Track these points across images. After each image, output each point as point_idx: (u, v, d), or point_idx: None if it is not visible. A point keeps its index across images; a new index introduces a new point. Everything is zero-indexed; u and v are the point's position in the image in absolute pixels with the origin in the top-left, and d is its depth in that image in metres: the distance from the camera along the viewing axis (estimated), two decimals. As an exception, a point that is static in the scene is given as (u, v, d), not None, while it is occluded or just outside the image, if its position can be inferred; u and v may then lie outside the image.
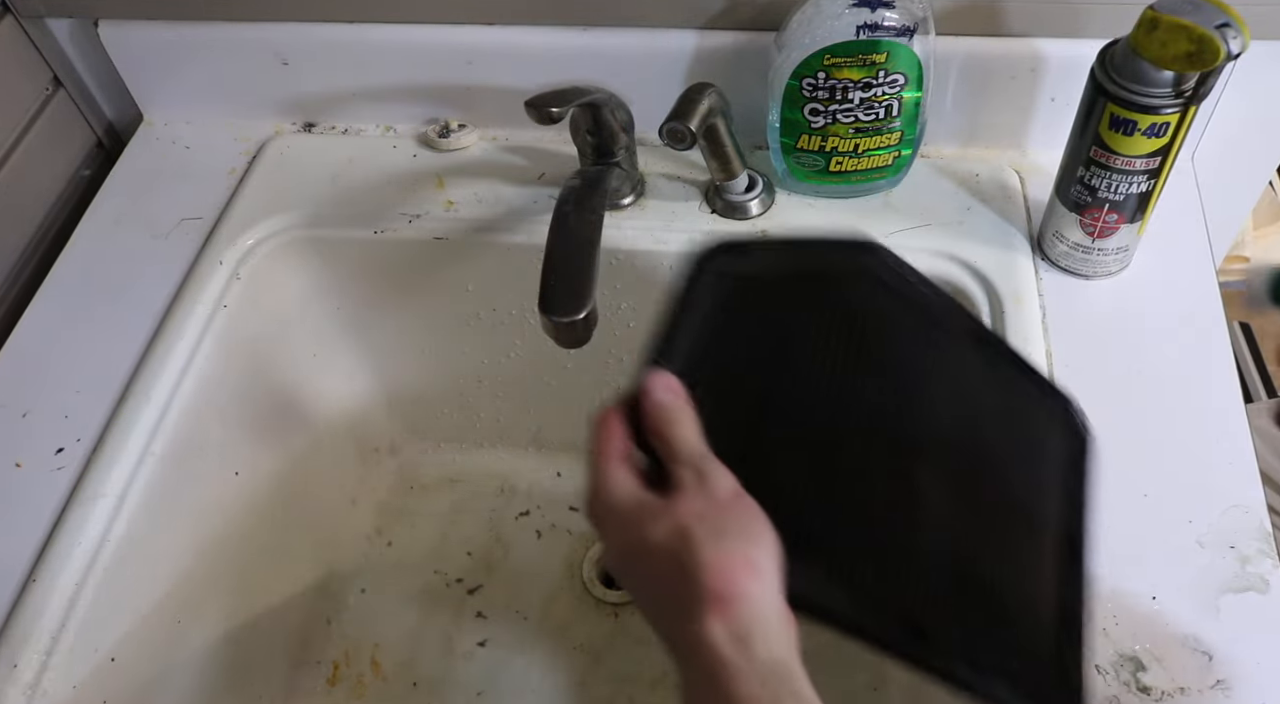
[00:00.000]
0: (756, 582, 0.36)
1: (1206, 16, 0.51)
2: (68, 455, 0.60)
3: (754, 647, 0.35)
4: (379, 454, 0.85)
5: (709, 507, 0.38)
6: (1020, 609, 0.46)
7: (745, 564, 0.36)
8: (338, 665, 0.75)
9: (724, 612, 0.35)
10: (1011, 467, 0.50)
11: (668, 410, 0.40)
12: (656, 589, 0.38)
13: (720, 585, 0.36)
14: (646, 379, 0.41)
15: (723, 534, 0.37)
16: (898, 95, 0.62)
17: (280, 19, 0.71)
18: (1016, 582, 0.47)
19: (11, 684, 0.52)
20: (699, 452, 0.39)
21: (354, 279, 0.75)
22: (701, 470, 0.39)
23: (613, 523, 0.40)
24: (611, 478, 0.40)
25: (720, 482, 0.39)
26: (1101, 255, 0.63)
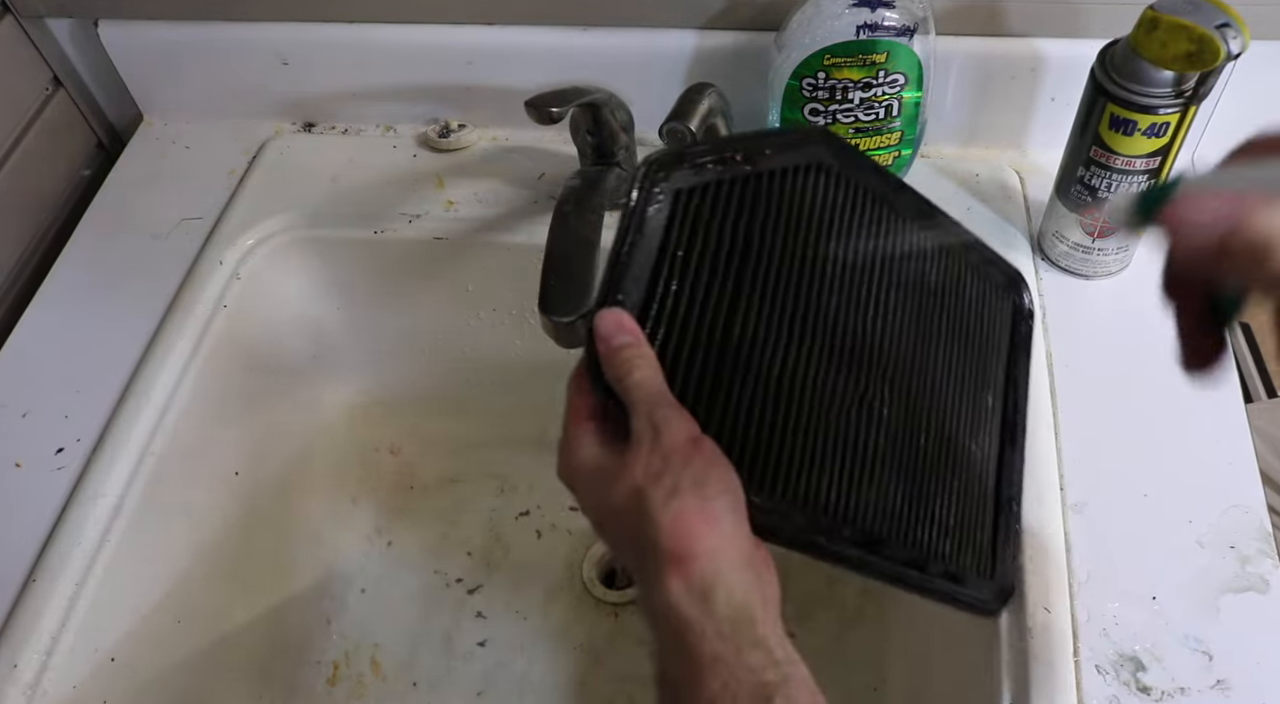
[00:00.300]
0: (714, 534, 0.36)
1: (1206, 16, 0.51)
2: (68, 455, 0.60)
3: (715, 601, 0.35)
4: (379, 454, 0.85)
5: (662, 461, 0.37)
6: (964, 507, 0.50)
7: (702, 519, 0.36)
8: (338, 665, 0.75)
9: (683, 571, 0.35)
10: (961, 359, 0.52)
11: (620, 355, 0.39)
12: (625, 552, 0.39)
13: (677, 545, 0.36)
14: (596, 321, 0.39)
15: (676, 491, 0.36)
16: (898, 95, 0.62)
17: (280, 19, 0.71)
18: (962, 481, 0.50)
19: (11, 684, 0.52)
20: (653, 398, 0.38)
21: (354, 279, 0.75)
22: (655, 421, 0.38)
23: (579, 486, 0.40)
24: (574, 440, 0.40)
25: (675, 430, 0.38)
26: (1101, 255, 0.63)
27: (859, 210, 0.48)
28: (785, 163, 0.46)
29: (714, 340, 0.41)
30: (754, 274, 0.43)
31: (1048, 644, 0.50)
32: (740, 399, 0.41)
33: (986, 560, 0.50)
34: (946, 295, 0.52)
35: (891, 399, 0.47)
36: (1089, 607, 0.51)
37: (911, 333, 0.49)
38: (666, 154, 0.43)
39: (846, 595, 0.75)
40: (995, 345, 0.55)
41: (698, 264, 0.42)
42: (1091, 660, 0.50)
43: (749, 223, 0.44)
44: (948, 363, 0.51)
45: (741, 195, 0.44)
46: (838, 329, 0.45)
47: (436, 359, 0.81)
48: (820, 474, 0.43)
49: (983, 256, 0.56)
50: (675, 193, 0.42)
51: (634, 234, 0.41)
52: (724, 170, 0.44)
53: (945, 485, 0.49)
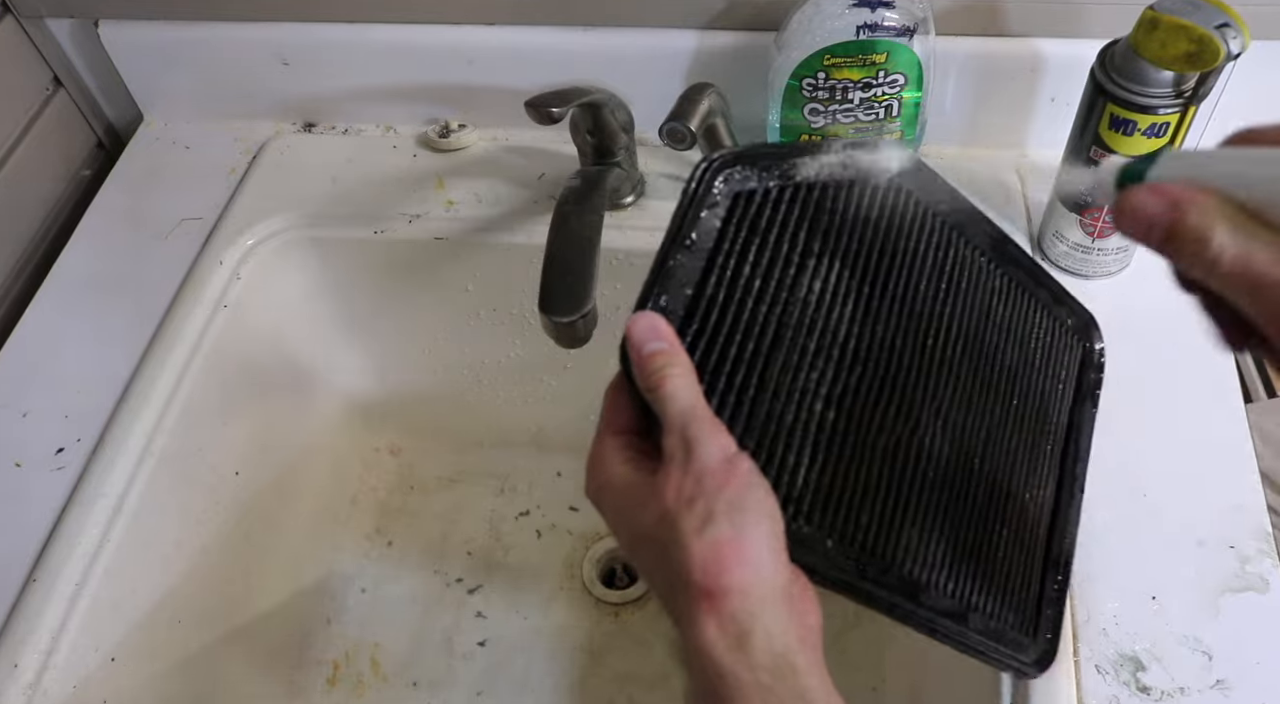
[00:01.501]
0: (750, 568, 0.33)
1: (1206, 16, 0.51)
2: (68, 455, 0.60)
3: (753, 647, 0.33)
4: (379, 454, 0.85)
5: (695, 484, 0.34)
6: (1011, 561, 0.47)
7: (737, 551, 0.33)
8: (338, 665, 0.75)
9: (717, 610, 0.33)
10: (1022, 402, 0.49)
11: (653, 362, 0.36)
12: (656, 581, 0.36)
13: (709, 580, 0.33)
14: (629, 325, 0.37)
15: (710, 518, 0.34)
16: (898, 95, 0.62)
17: (280, 19, 0.71)
18: (1012, 532, 0.47)
19: (11, 684, 0.52)
20: (687, 412, 0.36)
21: (354, 279, 0.75)
22: (688, 438, 0.35)
23: (607, 507, 0.37)
24: (602, 456, 0.38)
25: (709, 450, 0.35)
26: (1101, 255, 0.63)
27: (927, 234, 0.46)
28: (853, 175, 0.44)
29: (759, 356, 0.39)
30: (808, 290, 0.41)
31: (1048, 644, 0.50)
32: (782, 422, 0.39)
33: (1030, 620, 0.47)
34: (1012, 333, 0.50)
35: (944, 437, 0.44)
36: (1089, 607, 0.51)
37: (971, 369, 0.47)
38: (730, 153, 0.40)
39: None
40: (1059, 391, 0.52)
41: (750, 273, 0.39)
42: (1091, 660, 0.50)
43: (809, 236, 0.41)
44: (1007, 405, 0.48)
45: (804, 206, 0.42)
46: (893, 357, 0.43)
47: (436, 359, 0.81)
48: (861, 509, 0.40)
49: (1053, 295, 0.53)
50: (735, 196, 0.40)
51: (685, 236, 0.38)
52: (788, 178, 0.41)
53: (994, 536, 0.46)
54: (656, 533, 0.35)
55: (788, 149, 0.42)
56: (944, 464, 0.44)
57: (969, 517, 0.45)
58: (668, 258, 0.38)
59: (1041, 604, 0.48)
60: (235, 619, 0.69)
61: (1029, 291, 0.51)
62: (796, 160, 0.42)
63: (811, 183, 0.42)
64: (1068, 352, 0.54)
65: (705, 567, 0.33)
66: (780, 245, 0.41)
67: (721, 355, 0.38)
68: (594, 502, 0.38)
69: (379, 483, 0.84)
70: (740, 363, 0.38)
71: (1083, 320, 0.55)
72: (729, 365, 0.38)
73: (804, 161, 0.42)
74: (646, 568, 0.36)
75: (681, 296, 0.38)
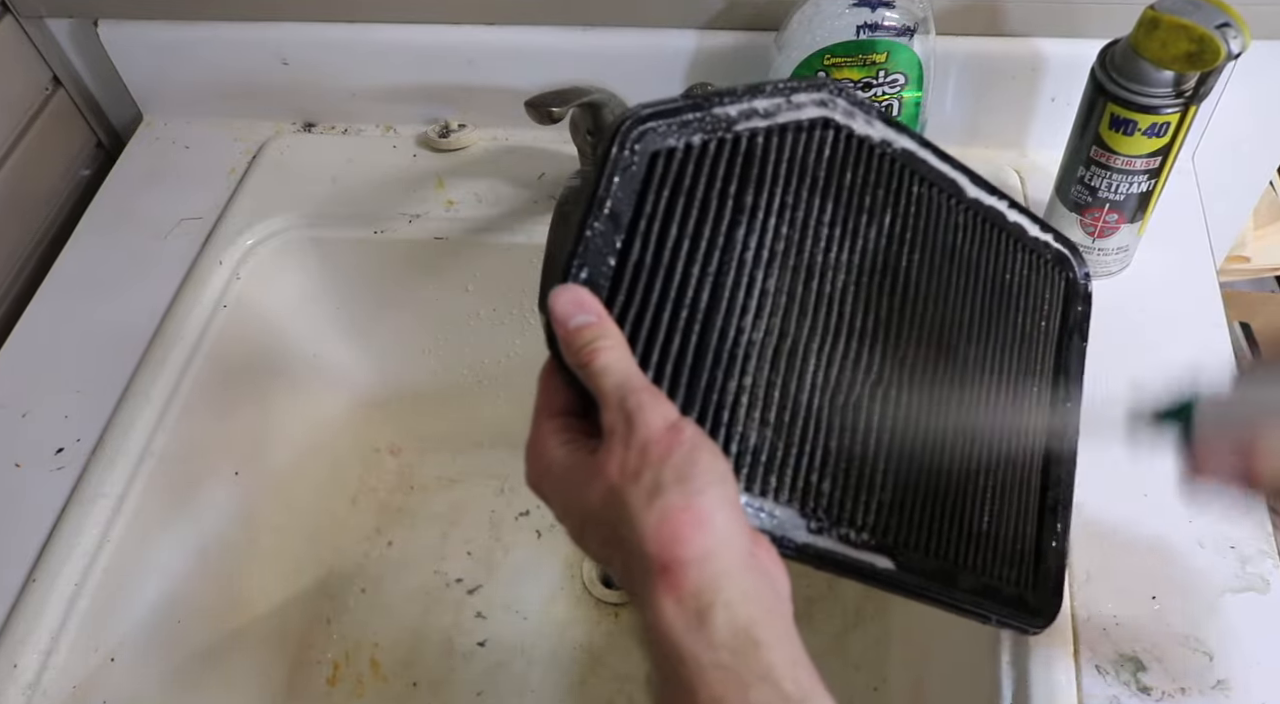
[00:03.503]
0: (706, 535, 0.32)
1: (1206, 16, 0.51)
2: (68, 455, 0.60)
3: (713, 623, 0.31)
4: (379, 454, 0.85)
5: (639, 456, 0.33)
6: (1001, 513, 0.45)
7: (691, 519, 0.31)
8: (338, 665, 0.75)
9: (674, 584, 0.31)
10: (1000, 343, 0.46)
11: (580, 336, 0.34)
12: (611, 562, 0.34)
13: (664, 552, 0.31)
14: (551, 300, 0.35)
15: (659, 488, 0.32)
16: (898, 95, 0.62)
17: (280, 19, 0.71)
18: (999, 483, 0.45)
19: (11, 684, 0.52)
20: (623, 384, 0.34)
21: (354, 279, 0.75)
22: (627, 410, 0.33)
23: (550, 492, 0.36)
24: (540, 441, 0.36)
25: (650, 418, 0.33)
26: (1102, 255, 0.63)
27: (874, 175, 0.43)
28: (783, 120, 0.41)
29: (695, 321, 0.37)
30: (743, 248, 0.38)
31: (1048, 644, 0.50)
32: (725, 389, 0.37)
33: (1027, 574, 0.45)
34: (982, 271, 0.47)
35: (912, 389, 0.42)
36: (1089, 607, 0.51)
37: (938, 314, 0.44)
38: (644, 110, 0.37)
39: (847, 595, 0.75)
40: (1043, 328, 0.49)
41: (678, 234, 0.37)
42: (1091, 660, 0.50)
43: (739, 190, 0.39)
44: (983, 347, 0.46)
45: (732, 158, 0.39)
46: (844, 310, 0.41)
47: (436, 359, 0.81)
48: (823, 473, 0.39)
49: (1029, 227, 0.50)
50: (653, 155, 0.37)
51: (600, 201, 0.36)
52: (711, 129, 0.39)
53: (978, 488, 0.44)
54: (604, 512, 0.33)
55: (709, 98, 0.39)
56: (914, 417, 0.42)
57: (948, 470, 0.43)
58: (584, 227, 0.36)
59: (1040, 556, 0.46)
60: (235, 619, 0.69)
61: (998, 226, 0.48)
62: (719, 109, 0.39)
63: (739, 133, 0.39)
64: (1048, 286, 0.50)
65: (659, 539, 0.31)
66: (708, 203, 0.38)
67: (654, 324, 0.36)
68: (536, 490, 0.36)
69: (379, 483, 0.84)
70: (674, 331, 0.36)
71: (1063, 250, 0.52)
72: (662, 334, 0.36)
73: (728, 110, 0.39)
74: (599, 552, 0.35)
75: (605, 267, 0.36)
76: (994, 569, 0.44)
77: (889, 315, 0.42)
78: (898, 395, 0.42)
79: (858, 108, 0.43)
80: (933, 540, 0.42)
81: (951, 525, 0.42)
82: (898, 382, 0.42)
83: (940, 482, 0.43)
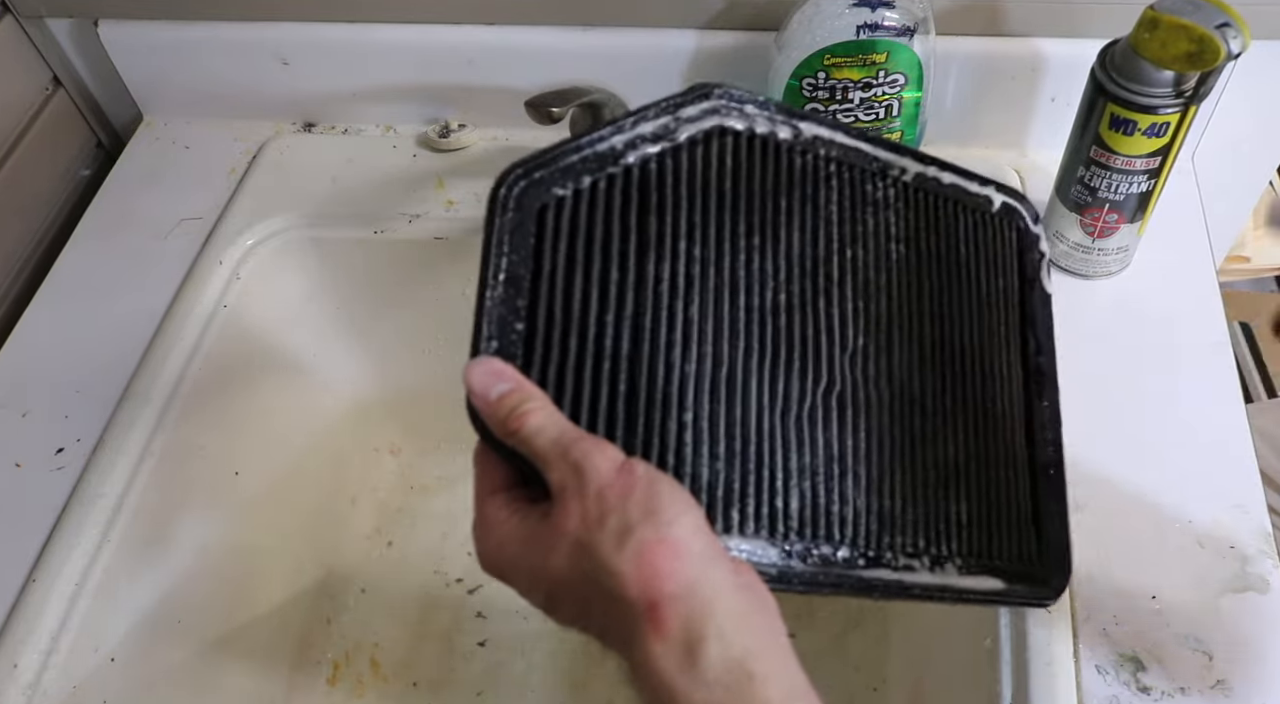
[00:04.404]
0: (686, 564, 0.31)
1: (1206, 16, 0.51)
2: (68, 455, 0.60)
3: (706, 658, 0.30)
4: (379, 454, 0.85)
5: (598, 503, 0.32)
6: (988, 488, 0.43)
7: (667, 551, 0.31)
8: (338, 665, 0.75)
9: (660, 621, 0.30)
10: (955, 313, 0.44)
11: (503, 406, 0.34)
12: (593, 622, 0.33)
13: (647, 591, 0.30)
14: (466, 378, 0.34)
15: (627, 528, 0.31)
16: (898, 95, 0.62)
17: (280, 19, 0.71)
18: (980, 458, 0.43)
19: (11, 684, 0.52)
20: (561, 440, 0.33)
21: (354, 279, 0.75)
22: (574, 462, 0.32)
23: (509, 569, 0.34)
24: (487, 520, 0.35)
25: (599, 464, 0.32)
26: (1101, 255, 0.63)
27: (784, 172, 0.41)
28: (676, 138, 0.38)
29: (620, 365, 0.35)
30: (656, 280, 0.37)
31: (1048, 644, 0.50)
32: (665, 430, 0.35)
33: (1029, 546, 0.44)
34: (926, 244, 0.44)
35: (872, 385, 0.41)
36: (1089, 607, 0.51)
37: (885, 301, 0.42)
38: (517, 167, 0.36)
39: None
40: (1000, 286, 0.47)
41: (584, 283, 0.36)
42: (1091, 660, 0.50)
43: (640, 222, 0.37)
44: (937, 322, 0.44)
45: (626, 190, 0.37)
46: (780, 318, 0.39)
47: (436, 359, 0.81)
48: (787, 491, 0.37)
49: (967, 185, 0.47)
50: (540, 210, 0.36)
51: (496, 272, 0.35)
52: (598, 167, 0.37)
53: (959, 470, 0.42)
54: (573, 571, 0.32)
55: (589, 136, 0.37)
56: (880, 412, 0.40)
57: (924, 458, 0.41)
58: (483, 300, 0.35)
59: (1040, 524, 0.44)
60: (235, 619, 0.69)
61: (934, 193, 0.46)
62: (602, 145, 0.37)
63: (629, 165, 0.37)
64: (1000, 241, 0.48)
65: (639, 578, 0.30)
66: (610, 244, 0.37)
67: (577, 380, 0.35)
68: (494, 572, 0.35)
69: (379, 483, 0.84)
70: (600, 382, 0.35)
71: (1008, 201, 0.49)
72: (588, 388, 0.35)
73: (613, 143, 0.37)
74: (576, 616, 0.34)
75: (514, 333, 0.35)
76: (993, 549, 0.42)
77: (830, 315, 0.40)
78: (854, 396, 0.40)
79: (755, 107, 0.41)
80: (920, 536, 0.40)
81: (938, 515, 0.41)
82: (851, 382, 0.40)
83: (917, 472, 0.41)
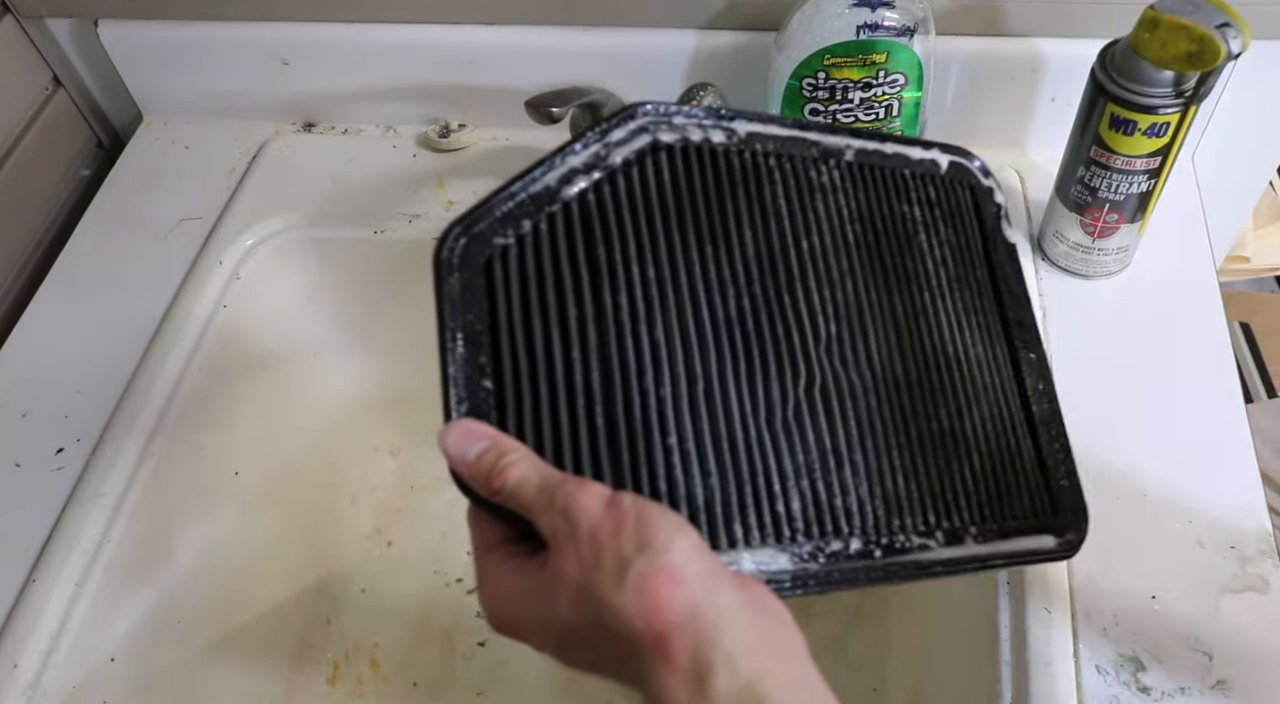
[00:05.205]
0: (686, 590, 0.31)
1: (1206, 16, 0.51)
2: (68, 455, 0.60)
3: (715, 685, 0.29)
4: (379, 454, 0.85)
5: (591, 544, 0.32)
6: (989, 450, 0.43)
7: (665, 580, 0.30)
8: (338, 665, 0.75)
9: (669, 654, 0.30)
10: (923, 286, 0.44)
11: (482, 465, 0.34)
12: (607, 664, 0.33)
13: (651, 624, 0.30)
14: (442, 444, 0.35)
15: (623, 564, 0.31)
16: (898, 95, 0.62)
17: (280, 19, 0.71)
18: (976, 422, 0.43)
19: (11, 684, 0.52)
20: (545, 489, 0.33)
21: (354, 279, 0.75)
22: (561, 508, 0.33)
23: (518, 622, 0.34)
24: (488, 580, 0.35)
25: (586, 504, 0.32)
26: (1101, 255, 0.63)
27: (724, 175, 0.41)
28: (609, 164, 0.39)
29: (594, 400, 0.36)
30: (615, 308, 0.37)
31: (1048, 644, 0.50)
32: (651, 453, 0.35)
33: (1040, 498, 0.44)
34: (881, 222, 0.44)
35: (852, 369, 0.41)
36: (1089, 607, 0.51)
37: (851, 285, 0.42)
38: (457, 224, 0.36)
39: (845, 595, 0.75)
40: (965, 245, 0.47)
41: (543, 326, 0.36)
42: (1091, 660, 0.50)
43: (589, 254, 0.37)
44: (906, 295, 0.44)
45: (569, 225, 0.38)
46: (747, 322, 0.39)
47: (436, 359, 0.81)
48: (786, 494, 0.37)
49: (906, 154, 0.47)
50: (486, 263, 0.36)
51: (452, 334, 0.35)
52: (535, 209, 0.37)
53: (956, 439, 0.42)
54: (579, 615, 0.32)
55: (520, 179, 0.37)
56: (866, 396, 0.41)
57: (920, 433, 0.41)
58: (446, 365, 0.35)
59: (1047, 474, 0.44)
60: (235, 619, 0.69)
61: (880, 166, 0.46)
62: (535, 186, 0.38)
63: (567, 200, 0.38)
64: (954, 201, 0.48)
65: (641, 613, 0.30)
66: (562, 282, 0.37)
67: (554, 424, 0.35)
68: (503, 630, 0.35)
69: (379, 483, 0.84)
70: (578, 421, 0.35)
71: (956, 160, 0.49)
72: (567, 430, 0.35)
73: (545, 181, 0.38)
74: (590, 661, 0.33)
75: (482, 391, 0.35)
76: (1005, 511, 0.42)
77: (797, 310, 0.40)
78: (836, 385, 0.40)
79: (683, 117, 0.41)
80: (930, 512, 0.40)
81: (943, 487, 0.41)
82: (831, 371, 0.40)
83: (915, 449, 0.41)
